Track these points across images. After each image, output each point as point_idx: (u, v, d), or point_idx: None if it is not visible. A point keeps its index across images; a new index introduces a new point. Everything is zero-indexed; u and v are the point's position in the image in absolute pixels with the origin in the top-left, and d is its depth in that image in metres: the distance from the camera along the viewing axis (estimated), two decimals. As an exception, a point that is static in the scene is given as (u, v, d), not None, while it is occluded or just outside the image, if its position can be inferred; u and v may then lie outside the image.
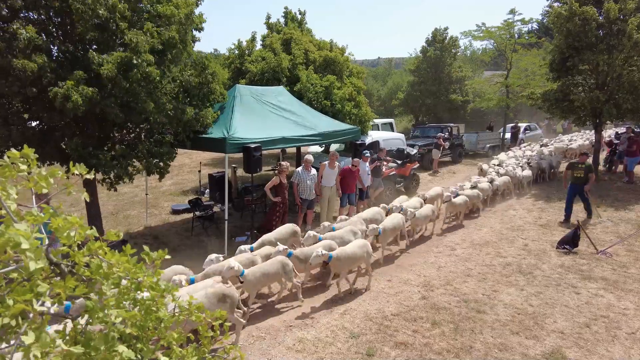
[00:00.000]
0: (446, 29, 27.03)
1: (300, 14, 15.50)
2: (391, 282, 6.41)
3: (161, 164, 7.08)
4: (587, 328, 5.03)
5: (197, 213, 8.88)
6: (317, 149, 13.41)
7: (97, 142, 6.54)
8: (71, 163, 1.59)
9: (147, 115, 6.37)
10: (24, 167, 1.32)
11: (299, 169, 8.50)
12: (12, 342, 1.13)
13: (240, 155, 7.51)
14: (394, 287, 6.25)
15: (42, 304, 1.21)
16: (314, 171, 8.51)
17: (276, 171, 8.34)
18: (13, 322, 1.11)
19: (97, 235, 1.48)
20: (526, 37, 21.66)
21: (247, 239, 7.89)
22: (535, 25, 31.86)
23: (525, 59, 20.35)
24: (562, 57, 12.68)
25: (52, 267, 1.36)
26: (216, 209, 9.43)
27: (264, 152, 7.59)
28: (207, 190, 11.61)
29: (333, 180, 8.94)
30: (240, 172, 11.67)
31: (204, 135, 7.62)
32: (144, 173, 7.31)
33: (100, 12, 5.68)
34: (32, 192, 1.42)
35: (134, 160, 6.78)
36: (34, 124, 6.47)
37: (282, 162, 8.19)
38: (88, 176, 1.54)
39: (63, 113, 5.74)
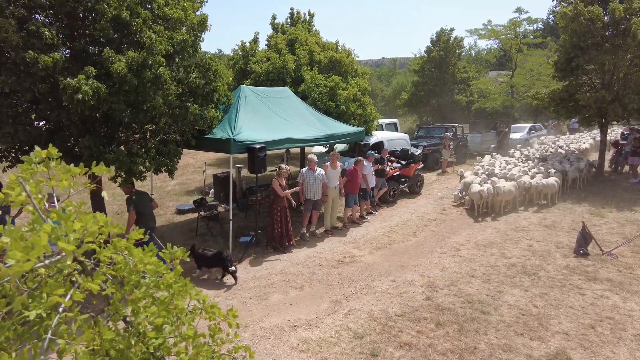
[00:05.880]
0: (452, 29, 26.95)
1: (309, 15, 15.55)
2: (395, 283, 6.41)
3: (168, 161, 7.12)
4: (592, 329, 5.02)
5: (202, 213, 8.93)
6: (320, 149, 13.43)
7: (105, 142, 6.58)
8: (93, 163, 1.61)
9: (153, 115, 6.42)
10: (43, 165, 1.33)
11: (304, 169, 8.52)
12: (47, 335, 1.16)
13: (245, 155, 7.53)
14: (398, 287, 6.26)
15: None
16: (318, 170, 8.50)
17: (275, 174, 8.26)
18: (44, 314, 1.15)
19: (123, 233, 1.50)
20: (531, 37, 21.54)
21: (251, 239, 7.92)
22: (540, 25, 31.69)
23: (531, 60, 20.25)
24: (567, 57, 12.63)
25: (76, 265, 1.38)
26: (221, 209, 9.46)
27: (269, 152, 7.60)
28: (212, 191, 11.67)
29: (336, 180, 8.94)
30: (244, 172, 11.70)
31: (209, 136, 7.65)
32: (152, 172, 7.35)
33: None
34: (53, 190, 1.44)
35: (143, 159, 6.82)
36: (40, 124, 6.51)
37: (282, 165, 8.14)
38: (109, 175, 1.58)
39: (71, 111, 5.78)
